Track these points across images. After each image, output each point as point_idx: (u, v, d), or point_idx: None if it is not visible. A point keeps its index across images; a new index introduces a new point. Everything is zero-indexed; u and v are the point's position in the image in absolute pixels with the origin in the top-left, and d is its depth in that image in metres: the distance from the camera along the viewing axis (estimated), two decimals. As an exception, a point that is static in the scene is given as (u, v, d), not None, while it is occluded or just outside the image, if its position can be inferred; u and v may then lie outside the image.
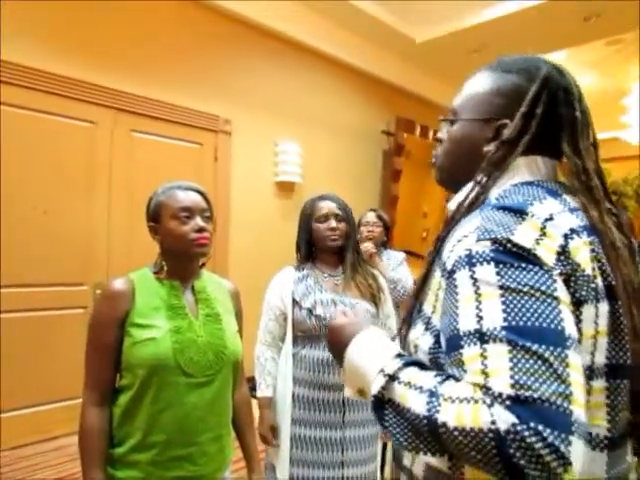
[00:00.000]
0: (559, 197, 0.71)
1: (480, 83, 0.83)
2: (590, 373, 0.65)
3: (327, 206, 1.82)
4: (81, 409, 1.20)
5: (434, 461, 0.61)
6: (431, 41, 4.66)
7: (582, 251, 0.65)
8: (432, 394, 0.59)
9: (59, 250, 3.02)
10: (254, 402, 1.59)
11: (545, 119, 0.75)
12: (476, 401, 0.55)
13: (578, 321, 0.63)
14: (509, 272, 0.60)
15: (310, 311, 1.73)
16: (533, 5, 3.94)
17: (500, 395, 0.54)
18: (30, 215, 2.91)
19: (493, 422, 0.53)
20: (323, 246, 1.83)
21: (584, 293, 0.64)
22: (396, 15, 4.49)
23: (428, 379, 0.62)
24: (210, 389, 1.25)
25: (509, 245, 0.62)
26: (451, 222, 0.76)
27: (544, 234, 0.63)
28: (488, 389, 0.55)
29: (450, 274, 0.66)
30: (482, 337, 0.58)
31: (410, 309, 0.82)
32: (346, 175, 4.89)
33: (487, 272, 0.61)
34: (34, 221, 2.92)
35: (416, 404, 0.60)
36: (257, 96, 4.09)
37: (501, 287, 0.60)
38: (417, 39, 4.68)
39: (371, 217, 2.91)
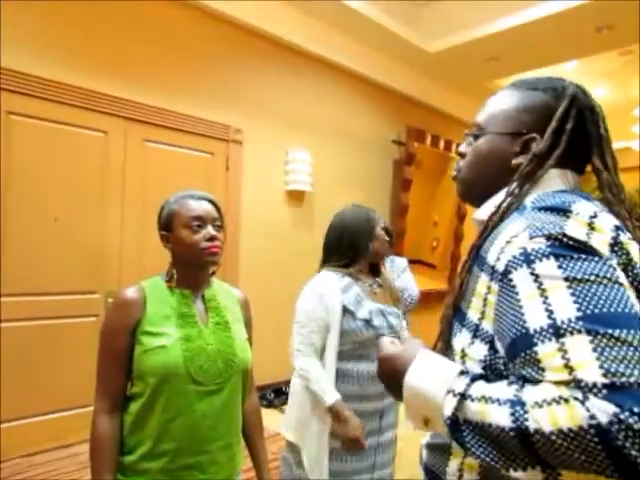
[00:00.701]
0: (592, 202, 0.72)
1: (506, 99, 0.86)
2: None
3: (381, 222, 1.92)
4: (92, 416, 1.21)
5: (524, 476, 0.57)
6: (443, 51, 4.67)
7: (632, 245, 0.67)
8: (514, 403, 0.57)
9: (71, 258, 3.05)
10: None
11: (574, 135, 0.78)
12: (566, 400, 0.53)
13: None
14: (570, 264, 0.60)
15: (367, 322, 1.70)
16: (545, 16, 3.94)
17: (595, 386, 0.52)
18: (42, 223, 2.94)
19: (592, 417, 0.51)
20: (372, 258, 1.88)
21: (638, 283, 0.65)
22: (408, 25, 4.51)
23: (503, 389, 0.60)
24: (220, 397, 1.25)
25: (565, 239, 0.62)
26: (485, 230, 0.77)
27: (593, 229, 0.64)
28: (579, 382, 0.53)
29: (504, 275, 0.66)
30: (557, 331, 0.57)
31: (448, 320, 0.80)
32: (356, 184, 4.90)
33: (548, 266, 0.61)
34: (46, 229, 2.95)
35: (498, 417, 0.57)
36: (268, 106, 4.12)
37: (566, 279, 0.60)
38: (429, 49, 4.69)
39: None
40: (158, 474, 1.18)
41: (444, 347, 0.80)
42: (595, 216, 0.66)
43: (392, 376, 0.75)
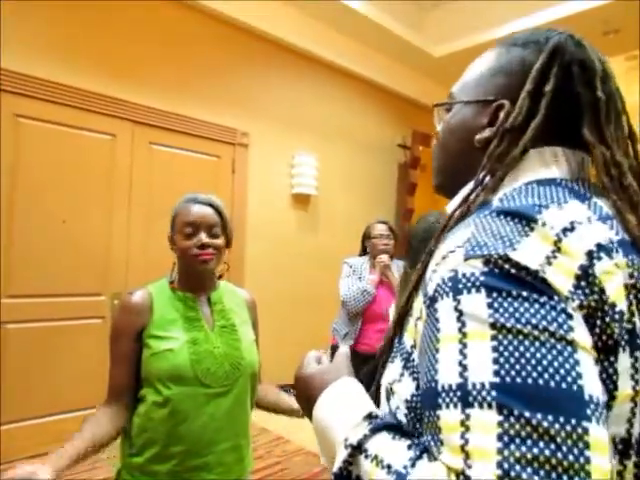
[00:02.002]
0: (587, 200, 0.53)
1: (483, 62, 0.69)
2: (625, 449, 0.46)
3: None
4: None
5: None
6: (449, 55, 4.67)
7: (614, 276, 0.46)
8: (400, 477, 0.44)
9: (78, 260, 3.07)
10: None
11: (559, 99, 0.58)
12: None
13: (609, 375, 0.45)
14: (504, 304, 0.43)
15: None
16: (551, 20, 3.94)
17: None
18: (49, 225, 2.96)
19: None
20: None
21: (616, 336, 0.45)
22: (414, 29, 4.52)
23: (398, 455, 0.47)
24: (227, 399, 1.25)
25: (507, 266, 0.45)
26: (441, 233, 0.59)
27: (558, 249, 0.45)
28: (467, 478, 0.39)
29: (431, 302, 0.49)
30: (465, 397, 0.42)
31: (388, 342, 0.64)
32: (362, 188, 4.90)
33: (476, 303, 0.44)
34: (53, 231, 2.97)
35: None
36: (274, 109, 4.13)
37: (493, 325, 0.43)
38: (435, 53, 4.70)
39: (383, 229, 2.88)
40: (166, 476, 1.19)
41: (381, 373, 0.65)
42: (571, 229, 0.47)
43: (304, 399, 0.65)
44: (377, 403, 0.61)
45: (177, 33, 3.48)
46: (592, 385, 0.41)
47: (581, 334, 0.43)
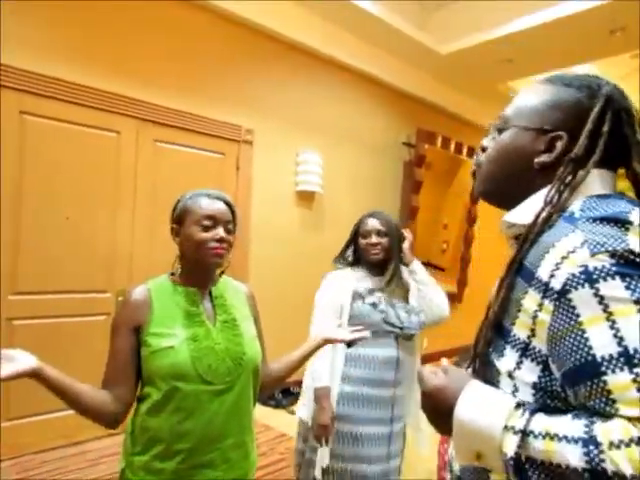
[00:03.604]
0: (638, 207, 0.66)
1: (536, 93, 0.80)
2: None
3: (371, 223, 1.98)
4: None
5: None
6: (455, 53, 4.65)
7: None
8: (587, 442, 0.53)
9: (83, 257, 3.08)
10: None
11: (610, 139, 0.72)
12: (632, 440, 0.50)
13: None
14: (639, 284, 0.55)
15: (374, 305, 1.85)
16: (558, 18, 3.91)
17: None
18: (54, 222, 2.97)
19: None
20: (365, 258, 1.98)
21: None
22: (420, 27, 4.51)
23: (570, 425, 0.56)
24: (230, 396, 1.25)
25: (631, 256, 0.57)
26: (526, 242, 0.70)
27: None
28: None
29: (561, 294, 0.60)
30: (630, 360, 0.53)
31: (487, 340, 0.74)
32: (366, 186, 4.90)
33: (615, 287, 0.56)
34: (58, 228, 2.98)
35: (569, 457, 0.53)
36: (279, 106, 4.13)
37: (637, 302, 0.55)
38: (441, 51, 4.68)
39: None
40: (170, 474, 1.18)
41: (483, 369, 0.74)
42: None
43: (439, 409, 0.71)
44: None
45: (183, 31, 3.48)
46: None
47: None
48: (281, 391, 3.92)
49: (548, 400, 0.64)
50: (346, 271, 1.99)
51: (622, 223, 0.60)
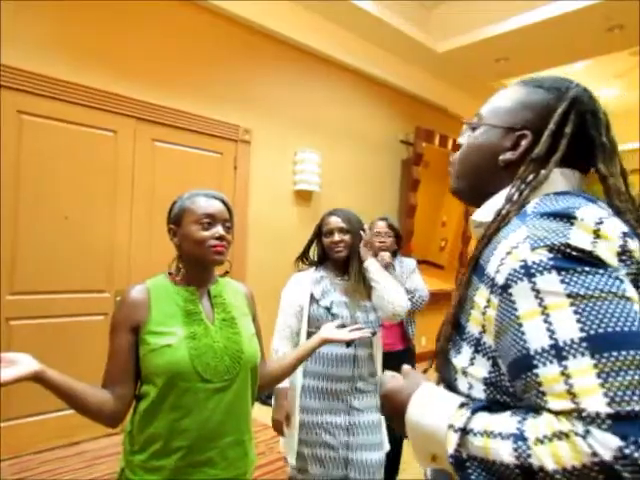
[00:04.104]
0: (597, 204, 0.67)
1: (509, 94, 0.83)
2: None
3: (333, 221, 1.98)
4: None
5: None
6: (452, 51, 4.66)
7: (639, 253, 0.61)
8: (517, 438, 0.54)
9: (81, 257, 3.08)
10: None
11: (574, 139, 0.73)
12: (567, 435, 0.50)
13: None
14: (574, 278, 0.56)
15: (328, 309, 1.90)
16: (556, 16, 3.92)
17: (598, 416, 0.49)
18: (52, 222, 2.96)
19: (594, 454, 0.48)
20: (331, 256, 2.00)
21: None
22: (417, 26, 4.50)
23: (506, 421, 0.57)
24: (228, 394, 1.25)
25: (568, 250, 0.58)
26: (484, 239, 0.72)
27: (598, 236, 0.59)
28: (581, 412, 0.50)
29: (504, 289, 0.62)
30: (559, 353, 0.54)
31: (447, 336, 0.75)
32: (364, 184, 4.90)
33: (550, 281, 0.57)
34: (56, 228, 2.98)
35: (502, 454, 0.54)
36: (277, 106, 4.13)
37: (569, 295, 0.56)
38: (438, 49, 4.68)
39: (382, 227, 2.85)
40: (169, 471, 1.19)
41: (443, 365, 0.76)
42: (601, 222, 0.60)
43: (395, 412, 0.72)
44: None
45: (181, 30, 3.47)
46: None
47: (633, 292, 0.57)
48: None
49: (498, 396, 0.64)
50: (307, 272, 2.02)
51: (568, 218, 0.61)
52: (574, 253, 0.57)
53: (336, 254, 1.96)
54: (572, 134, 0.73)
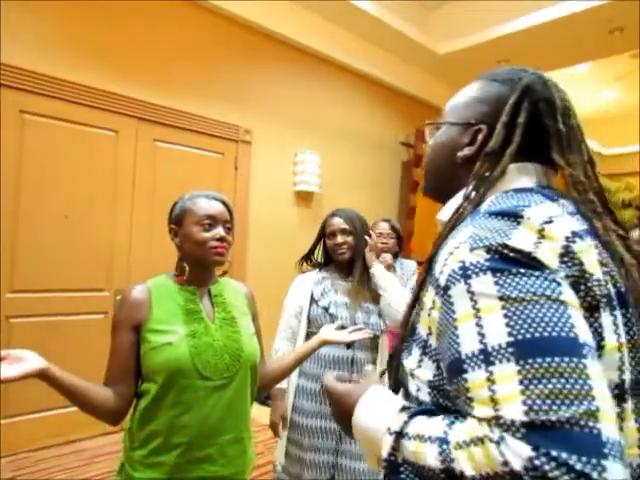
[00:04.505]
0: (556, 202, 0.65)
1: (468, 90, 0.82)
2: (621, 393, 0.57)
3: (335, 222, 1.95)
4: None
5: None
6: (452, 53, 4.66)
7: (589, 254, 0.58)
8: (442, 441, 0.52)
9: (81, 256, 3.08)
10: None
11: (530, 129, 0.71)
12: (482, 440, 0.48)
13: (595, 329, 0.56)
14: (508, 280, 0.53)
15: (325, 309, 1.88)
16: (557, 18, 3.92)
17: (513, 424, 0.47)
18: (53, 221, 2.97)
19: (505, 463, 0.45)
20: (335, 258, 1.98)
21: (597, 298, 0.57)
22: (418, 27, 4.51)
23: (437, 425, 0.55)
24: (228, 392, 1.27)
25: (505, 251, 0.55)
26: (439, 239, 0.70)
27: (543, 237, 0.57)
28: (499, 419, 0.48)
29: (444, 291, 0.59)
30: (487, 358, 0.51)
31: (402, 336, 0.74)
32: (364, 186, 4.90)
33: (485, 283, 0.54)
34: (56, 227, 2.98)
35: (428, 457, 0.53)
36: (277, 106, 4.13)
37: (501, 298, 0.53)
38: (439, 51, 4.69)
39: (384, 228, 2.86)
40: (168, 467, 1.20)
41: (396, 369, 0.74)
42: (550, 221, 0.58)
43: (343, 416, 0.71)
44: (397, 391, 0.73)
45: (182, 30, 3.48)
46: (584, 333, 0.51)
47: (570, 296, 0.54)
48: (279, 390, 3.91)
49: (441, 399, 0.62)
50: (310, 274, 2.02)
51: (515, 217, 0.59)
52: (511, 254, 0.55)
53: (339, 256, 1.94)
54: (526, 124, 0.71)
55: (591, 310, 0.56)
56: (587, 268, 0.57)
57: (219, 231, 1.29)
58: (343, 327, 1.61)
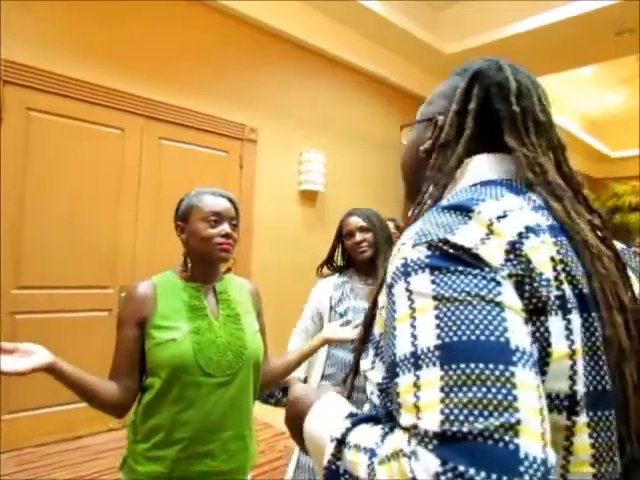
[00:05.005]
0: (523, 194, 0.61)
1: (435, 88, 0.81)
2: (571, 405, 0.51)
3: (352, 221, 1.90)
4: None
5: None
6: (459, 53, 4.65)
7: (540, 251, 0.53)
8: (372, 454, 0.48)
9: (86, 253, 3.09)
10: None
11: (482, 115, 0.68)
12: (398, 454, 0.44)
13: (541, 334, 0.51)
14: (445, 279, 0.49)
15: (342, 315, 1.83)
16: (565, 19, 3.91)
17: (426, 435, 0.42)
18: (58, 218, 2.98)
19: (413, 479, 0.41)
20: (355, 259, 1.91)
21: (545, 300, 0.51)
22: (425, 27, 4.50)
23: (373, 435, 0.51)
24: (230, 388, 1.28)
25: (446, 247, 0.51)
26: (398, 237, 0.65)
27: (491, 232, 0.52)
28: (416, 429, 0.44)
29: (389, 289, 0.55)
30: (416, 362, 0.47)
31: (362, 336, 0.71)
32: (369, 185, 4.90)
33: (422, 281, 0.50)
34: (62, 224, 2.99)
35: (360, 469, 0.49)
36: (283, 106, 4.14)
37: (435, 297, 0.49)
38: (446, 51, 4.68)
39: (390, 228, 2.86)
40: (170, 461, 1.21)
41: (355, 371, 0.72)
42: (504, 216, 0.54)
43: (293, 421, 0.67)
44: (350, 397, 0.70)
45: (188, 29, 3.49)
46: (518, 338, 0.46)
47: (509, 297, 0.49)
48: (281, 389, 3.92)
49: (389, 404, 0.57)
50: (329, 279, 1.96)
51: (466, 211, 0.54)
52: (451, 250, 0.51)
53: (360, 255, 1.85)
54: (478, 110, 0.68)
55: (537, 313, 0.51)
56: (535, 266, 0.52)
57: (225, 227, 1.29)
58: (349, 322, 1.61)
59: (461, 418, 0.42)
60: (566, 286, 0.53)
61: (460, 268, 0.50)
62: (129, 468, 1.25)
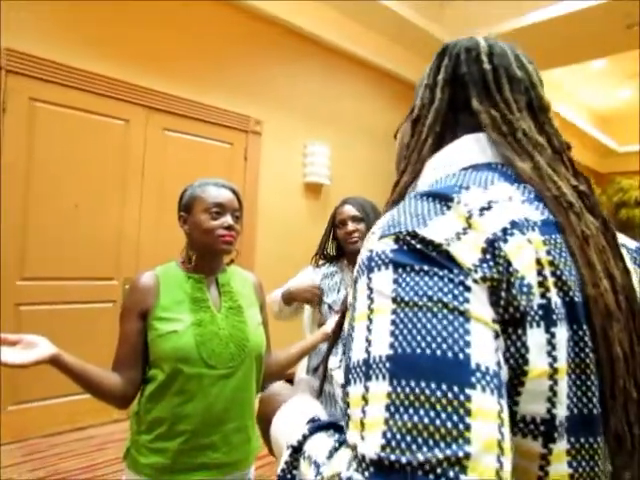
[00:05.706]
0: (518, 183, 0.54)
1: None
2: (549, 430, 0.44)
3: (346, 210, 1.86)
4: None
5: None
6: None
7: (524, 250, 0.46)
8: (317, 472, 0.43)
9: (90, 245, 3.10)
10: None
11: (453, 84, 0.62)
12: (334, 477, 0.40)
13: (517, 349, 0.44)
14: (407, 278, 0.43)
15: (330, 307, 1.80)
16: (573, 11, 3.86)
17: (364, 460, 0.38)
18: (63, 209, 2.98)
19: None
20: (346, 249, 1.88)
21: (523, 310, 0.44)
22: (432, 21, 4.46)
23: (325, 447, 0.46)
24: (233, 380, 1.27)
25: (413, 241, 0.44)
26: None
27: (469, 226, 0.45)
28: (356, 451, 0.39)
29: (355, 283, 0.48)
30: (367, 371, 0.41)
31: (334, 332, 0.67)
32: (374, 178, 4.88)
33: (383, 279, 0.44)
34: (66, 215, 3.00)
35: None
36: (288, 98, 4.12)
37: (394, 300, 0.42)
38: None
39: None
40: (173, 453, 1.21)
41: (325, 369, 0.69)
42: (488, 207, 0.47)
43: (262, 421, 0.64)
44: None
45: (194, 20, 3.47)
46: (482, 354, 0.40)
47: (477, 306, 0.42)
48: (285, 382, 3.93)
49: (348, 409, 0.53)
50: (320, 268, 1.94)
51: (445, 200, 0.48)
52: (419, 246, 0.44)
53: (351, 245, 1.81)
54: (446, 79, 0.63)
55: (513, 324, 0.44)
56: (516, 269, 0.44)
57: (227, 219, 1.29)
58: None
59: (402, 445, 0.36)
60: (553, 293, 0.45)
61: (425, 267, 0.43)
62: (132, 459, 1.26)
